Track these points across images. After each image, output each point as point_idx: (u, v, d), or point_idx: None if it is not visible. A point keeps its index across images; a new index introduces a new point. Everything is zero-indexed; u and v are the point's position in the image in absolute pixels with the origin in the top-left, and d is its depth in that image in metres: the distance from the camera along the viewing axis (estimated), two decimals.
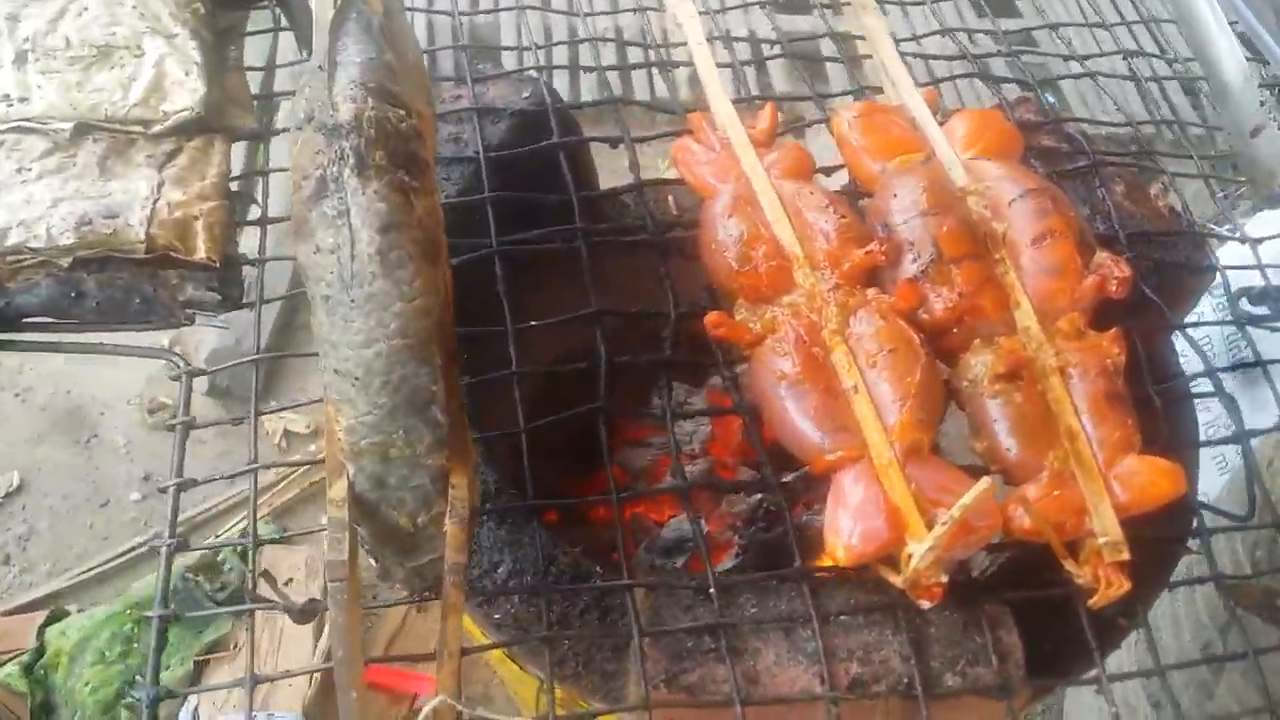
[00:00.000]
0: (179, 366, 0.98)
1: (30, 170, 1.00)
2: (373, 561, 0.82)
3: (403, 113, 0.78)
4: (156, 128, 1.05)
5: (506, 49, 2.68)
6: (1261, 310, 1.13)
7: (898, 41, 1.24)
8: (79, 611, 2.39)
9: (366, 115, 0.75)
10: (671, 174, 1.16)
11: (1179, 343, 1.15)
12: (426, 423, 0.76)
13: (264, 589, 0.91)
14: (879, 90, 1.24)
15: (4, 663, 2.24)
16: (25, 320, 0.97)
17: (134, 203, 0.98)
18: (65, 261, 0.96)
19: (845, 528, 0.85)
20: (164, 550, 0.86)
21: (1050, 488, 0.90)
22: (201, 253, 0.98)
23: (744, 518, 1.25)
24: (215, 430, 2.76)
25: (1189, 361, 1.13)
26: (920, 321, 0.96)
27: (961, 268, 0.97)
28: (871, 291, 0.97)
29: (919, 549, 0.83)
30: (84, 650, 2.24)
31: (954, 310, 0.95)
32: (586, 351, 1.06)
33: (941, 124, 1.13)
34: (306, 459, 2.69)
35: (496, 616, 0.95)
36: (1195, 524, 0.99)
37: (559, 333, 1.08)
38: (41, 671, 2.24)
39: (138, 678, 2.21)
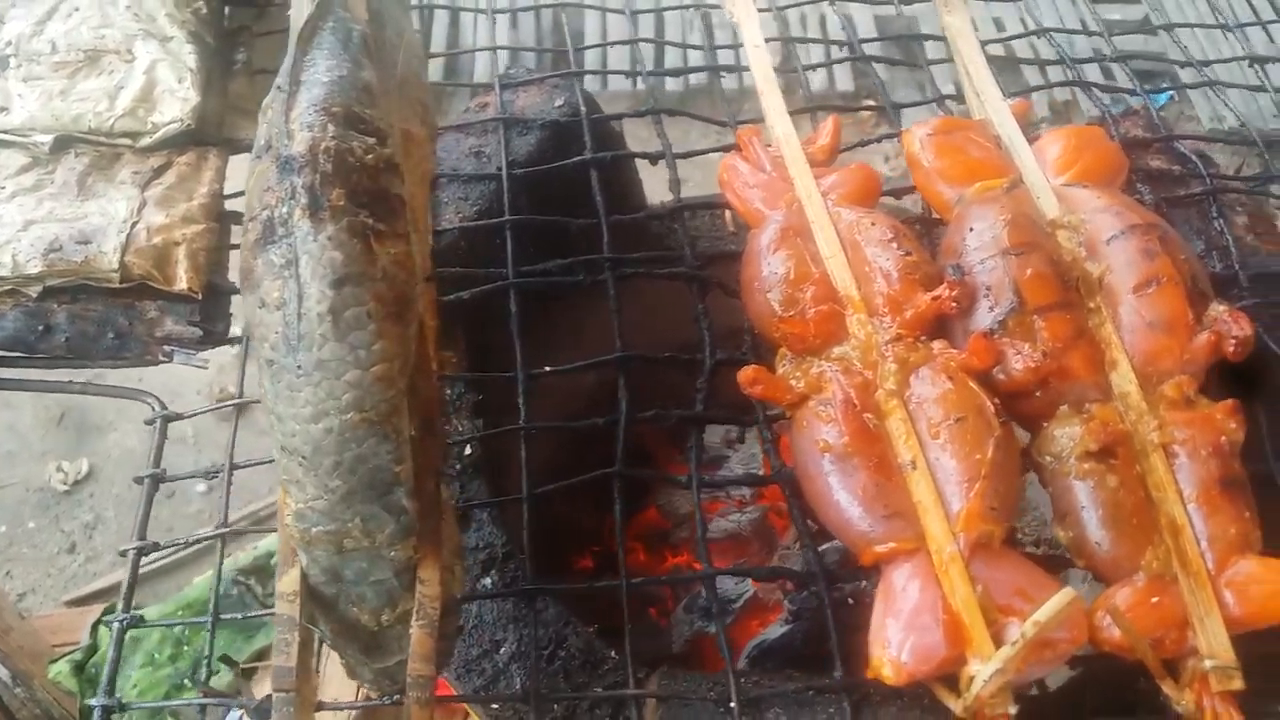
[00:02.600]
0: (154, 410, 0.88)
1: (3, 189, 0.91)
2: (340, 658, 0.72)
3: (372, 141, 0.65)
4: (144, 141, 0.95)
5: (540, 50, 2.53)
6: None
7: (985, 44, 1.08)
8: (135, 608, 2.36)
9: (324, 146, 0.63)
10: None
11: None
12: (388, 509, 0.64)
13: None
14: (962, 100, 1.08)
15: (57, 659, 2.21)
16: None
17: (110, 227, 0.88)
18: (34, 291, 0.87)
19: (894, 640, 0.71)
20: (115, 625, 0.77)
21: (1147, 593, 0.75)
22: (182, 283, 0.88)
23: (797, 579, 1.11)
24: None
25: None
26: (996, 383, 0.81)
27: (1047, 319, 0.82)
28: (938, 345, 0.83)
29: (983, 671, 0.69)
30: (134, 651, 2.20)
31: (1037, 371, 0.80)
32: (615, 395, 0.93)
33: (1032, 142, 0.98)
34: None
35: (495, 708, 0.84)
36: None
37: (586, 373, 0.96)
38: (92, 670, 2.20)
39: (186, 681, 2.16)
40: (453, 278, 0.97)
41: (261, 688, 2.12)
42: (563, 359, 0.96)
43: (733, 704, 0.74)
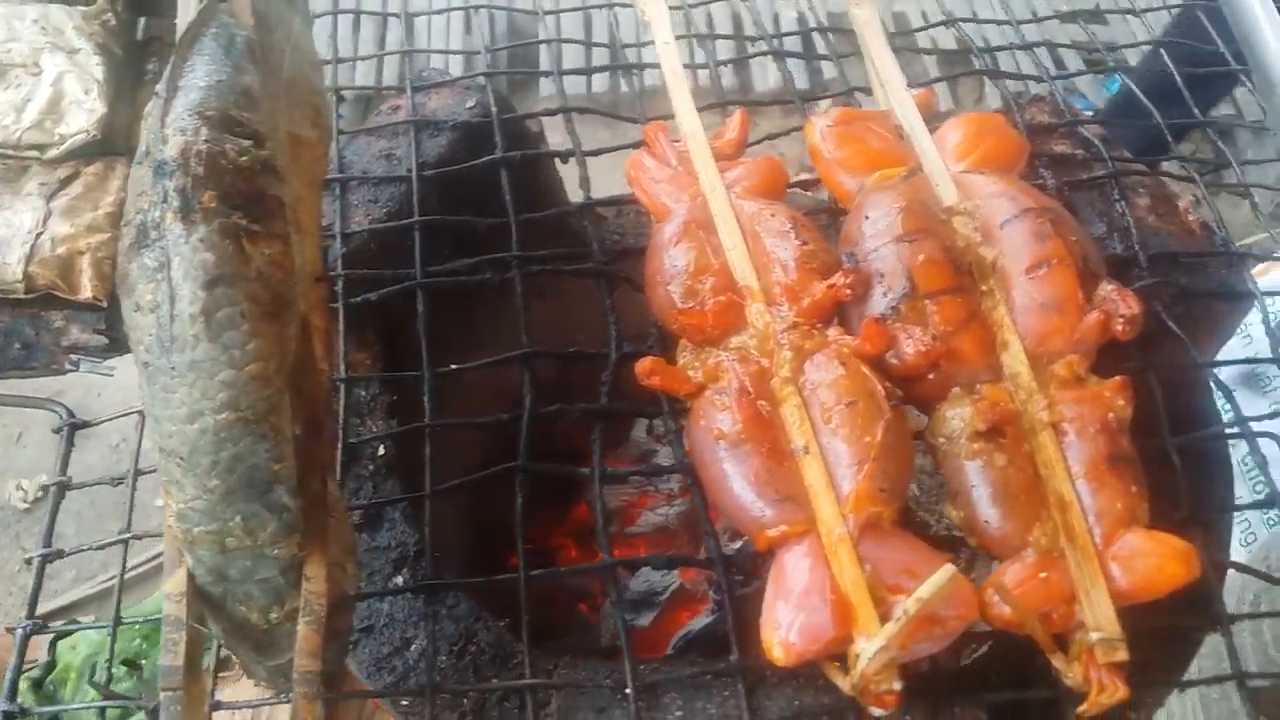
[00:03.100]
0: (61, 418, 0.89)
1: None
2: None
3: (248, 144, 0.66)
4: (52, 152, 0.95)
5: (453, 53, 2.56)
6: None
7: (895, 35, 1.09)
8: (94, 622, 2.35)
9: (196, 150, 0.64)
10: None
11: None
12: (269, 508, 0.64)
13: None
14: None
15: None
16: None
17: (14, 239, 0.89)
18: None
19: (784, 620, 0.72)
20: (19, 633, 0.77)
21: (1035, 569, 0.76)
22: (87, 291, 0.88)
23: (695, 566, 1.12)
24: None
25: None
26: (889, 367, 0.82)
27: (939, 303, 0.84)
28: (833, 332, 0.84)
29: (867, 649, 0.70)
30: (89, 666, 2.19)
31: (927, 354, 0.82)
32: (541, 392, 0.94)
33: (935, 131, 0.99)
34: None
35: (405, 704, 0.84)
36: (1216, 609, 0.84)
37: (505, 371, 0.96)
38: (51, 687, 2.19)
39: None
40: (363, 279, 0.98)
41: (233, 690, 2.11)
42: (485, 357, 0.96)
43: (628, 690, 0.75)
